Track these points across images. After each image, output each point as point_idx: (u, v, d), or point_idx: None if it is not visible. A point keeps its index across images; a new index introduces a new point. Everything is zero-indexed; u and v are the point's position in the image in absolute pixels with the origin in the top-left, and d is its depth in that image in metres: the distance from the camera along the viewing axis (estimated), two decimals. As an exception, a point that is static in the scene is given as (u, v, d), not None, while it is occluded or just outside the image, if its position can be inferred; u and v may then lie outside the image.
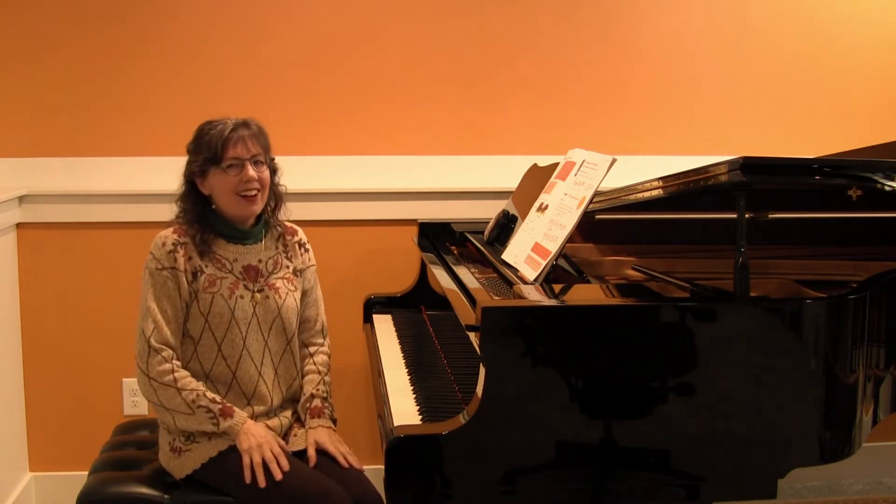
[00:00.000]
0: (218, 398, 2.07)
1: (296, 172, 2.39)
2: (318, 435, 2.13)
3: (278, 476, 1.98)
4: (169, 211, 2.20)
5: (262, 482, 1.97)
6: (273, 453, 2.01)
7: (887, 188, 2.01)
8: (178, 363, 2.08)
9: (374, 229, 3.06)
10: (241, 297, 2.13)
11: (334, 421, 2.20)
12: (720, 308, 1.81)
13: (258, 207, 2.16)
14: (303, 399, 2.22)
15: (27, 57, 2.91)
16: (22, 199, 2.90)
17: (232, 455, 2.04)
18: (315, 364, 2.27)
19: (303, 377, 2.26)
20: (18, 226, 2.93)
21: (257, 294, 2.15)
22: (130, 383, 3.01)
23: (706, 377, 1.80)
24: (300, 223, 2.32)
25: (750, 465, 1.84)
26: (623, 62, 3.14)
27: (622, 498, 1.83)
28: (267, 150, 2.18)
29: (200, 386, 2.07)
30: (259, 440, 2.02)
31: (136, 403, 3.03)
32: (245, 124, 2.14)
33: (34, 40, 2.90)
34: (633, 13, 3.13)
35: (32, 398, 3.01)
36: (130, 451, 2.30)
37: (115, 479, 2.11)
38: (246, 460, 2.00)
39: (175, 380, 2.04)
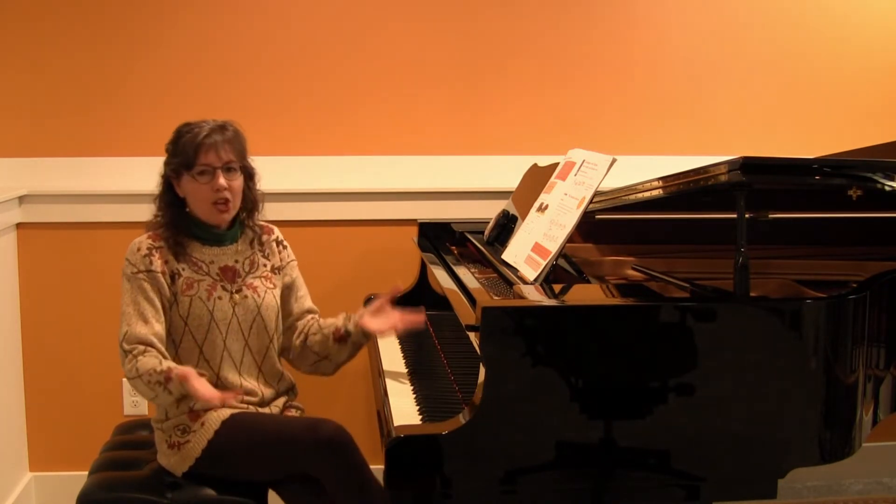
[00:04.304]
0: (164, 366, 2.02)
1: (295, 173, 2.40)
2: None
3: (231, 400, 2.03)
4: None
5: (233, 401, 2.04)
6: (221, 397, 2.01)
7: (887, 188, 2.01)
8: (145, 355, 2.03)
9: (374, 229, 3.06)
10: (220, 298, 2.13)
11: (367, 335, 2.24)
12: (720, 308, 1.81)
13: (229, 216, 2.16)
14: (319, 338, 2.25)
15: (27, 57, 2.91)
16: (22, 199, 2.90)
17: (226, 430, 2.05)
18: (316, 321, 2.30)
19: (310, 335, 2.28)
20: (18, 226, 2.93)
21: (236, 294, 2.16)
22: (130, 383, 3.01)
23: (706, 377, 1.79)
24: (300, 223, 2.32)
25: (750, 465, 1.84)
26: (624, 62, 3.14)
27: (622, 498, 1.83)
28: (242, 155, 2.16)
29: (161, 364, 2.02)
30: (209, 401, 2.00)
31: (136, 403, 3.03)
32: (221, 128, 2.13)
33: (34, 41, 2.90)
34: (634, 13, 3.13)
35: (32, 398, 3.01)
36: (130, 451, 2.30)
37: (115, 480, 2.11)
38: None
39: (137, 370, 2.02)
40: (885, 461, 3.29)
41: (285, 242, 2.33)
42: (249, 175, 2.20)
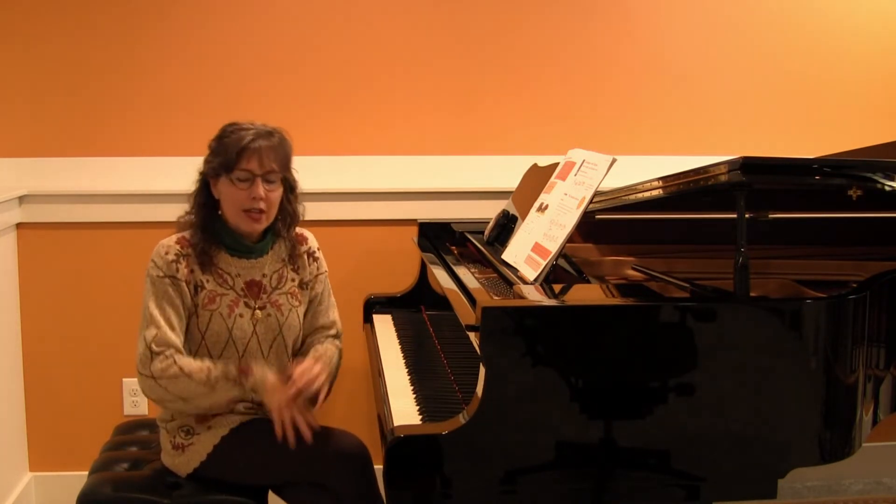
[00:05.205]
0: (229, 364, 2.05)
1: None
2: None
3: (308, 437, 1.98)
4: (169, 211, 2.20)
5: (291, 442, 1.97)
6: (301, 412, 2.00)
7: (887, 188, 2.01)
8: (181, 356, 2.04)
9: (374, 229, 3.07)
10: (241, 315, 2.10)
11: (314, 401, 2.10)
12: (720, 308, 1.81)
13: (261, 227, 2.10)
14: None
15: (28, 57, 2.91)
16: (22, 199, 2.90)
17: (235, 437, 2.05)
18: (316, 349, 2.21)
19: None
20: (18, 226, 2.93)
21: (258, 311, 2.12)
22: (130, 383, 3.01)
23: (706, 377, 1.79)
24: (299, 223, 2.31)
25: (750, 465, 1.83)
26: (624, 62, 3.14)
27: (622, 498, 1.82)
28: (285, 166, 2.10)
29: (206, 361, 2.04)
30: (287, 398, 1.99)
31: (136, 403, 3.03)
32: (268, 135, 2.06)
33: (35, 40, 2.90)
34: (634, 14, 3.13)
35: (32, 398, 3.01)
36: (130, 451, 2.30)
37: (116, 480, 2.11)
38: (277, 418, 1.98)
39: (180, 368, 2.00)
40: (885, 461, 3.30)
41: (317, 254, 2.27)
42: (290, 187, 2.15)
